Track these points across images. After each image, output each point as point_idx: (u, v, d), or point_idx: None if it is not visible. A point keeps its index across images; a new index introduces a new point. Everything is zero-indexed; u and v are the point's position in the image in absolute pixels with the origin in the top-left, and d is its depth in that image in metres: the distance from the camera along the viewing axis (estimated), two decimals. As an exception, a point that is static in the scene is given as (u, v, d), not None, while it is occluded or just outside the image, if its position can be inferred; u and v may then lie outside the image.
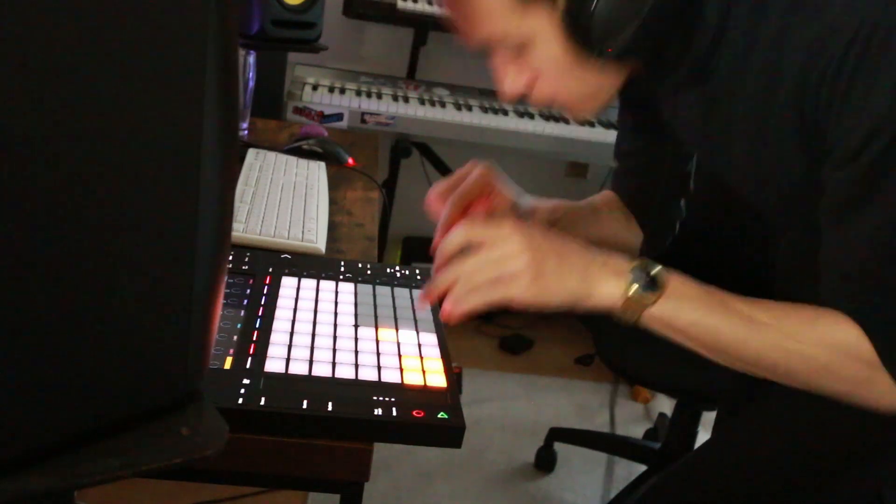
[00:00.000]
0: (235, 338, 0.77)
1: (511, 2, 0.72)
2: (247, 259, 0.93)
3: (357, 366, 0.75)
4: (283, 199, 1.13)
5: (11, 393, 0.41)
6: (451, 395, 0.73)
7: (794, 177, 0.77)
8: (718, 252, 1.14)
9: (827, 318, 0.73)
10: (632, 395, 2.24)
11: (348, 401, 0.69)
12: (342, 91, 2.01)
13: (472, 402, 2.03)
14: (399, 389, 0.73)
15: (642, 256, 0.79)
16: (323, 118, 1.92)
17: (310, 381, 0.72)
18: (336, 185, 1.27)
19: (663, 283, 0.76)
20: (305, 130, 1.47)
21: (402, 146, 2.03)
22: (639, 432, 2.05)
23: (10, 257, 0.38)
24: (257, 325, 0.79)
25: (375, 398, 0.71)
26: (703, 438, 1.59)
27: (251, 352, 0.75)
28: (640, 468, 1.78)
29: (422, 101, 2.03)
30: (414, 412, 0.70)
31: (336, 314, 0.84)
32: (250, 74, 1.41)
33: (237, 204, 1.07)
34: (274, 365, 0.73)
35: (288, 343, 0.77)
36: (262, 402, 0.67)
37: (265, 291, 0.86)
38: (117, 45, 0.38)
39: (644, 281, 0.76)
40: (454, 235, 0.80)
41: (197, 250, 0.45)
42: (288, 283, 0.89)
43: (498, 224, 0.79)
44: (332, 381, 0.72)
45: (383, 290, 0.92)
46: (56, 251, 0.40)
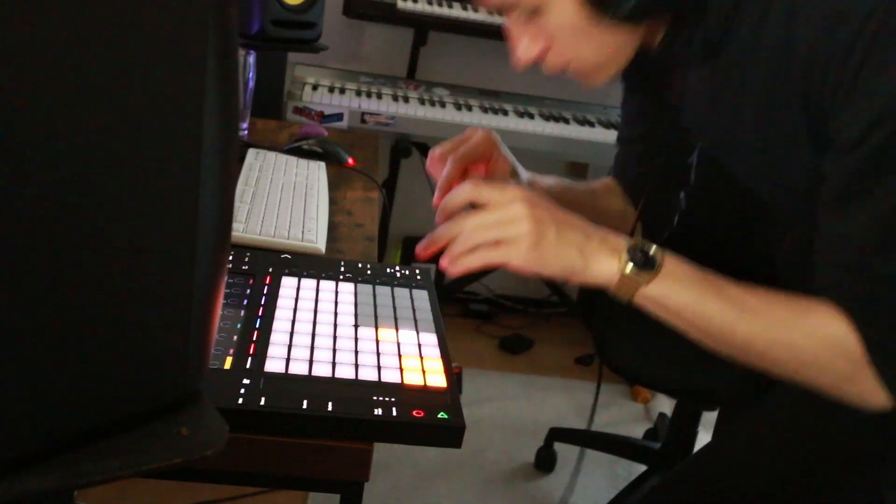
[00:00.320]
0: (235, 338, 0.77)
1: None
2: (247, 259, 0.93)
3: (357, 366, 0.75)
4: (283, 199, 1.13)
5: (11, 393, 0.41)
6: (451, 395, 0.73)
7: (801, 167, 0.77)
8: (719, 248, 1.14)
9: (819, 311, 0.73)
10: (632, 395, 2.24)
11: (348, 401, 0.69)
12: (342, 91, 2.01)
13: (472, 402, 2.03)
14: (399, 389, 0.73)
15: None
16: (323, 118, 1.92)
17: (310, 381, 0.72)
18: (336, 185, 1.27)
19: (659, 264, 0.76)
20: (305, 130, 1.47)
21: (402, 146, 2.03)
22: (639, 432, 2.05)
23: (9, 257, 0.38)
24: (257, 325, 0.79)
25: (375, 398, 0.71)
26: (703, 438, 1.59)
27: (251, 352, 0.75)
28: (640, 468, 1.78)
29: (422, 101, 2.03)
30: (414, 412, 0.70)
31: (336, 314, 0.84)
32: (250, 74, 1.41)
33: (237, 204, 1.07)
34: (274, 365, 0.73)
35: (288, 343, 0.77)
36: (262, 402, 0.67)
37: (265, 291, 0.86)
38: (117, 44, 0.38)
39: (640, 260, 0.76)
40: (460, 190, 0.80)
41: (197, 250, 0.45)
42: (288, 283, 0.89)
43: (503, 187, 0.79)
44: (332, 381, 0.72)
45: (383, 290, 0.92)
46: (56, 251, 0.40)
